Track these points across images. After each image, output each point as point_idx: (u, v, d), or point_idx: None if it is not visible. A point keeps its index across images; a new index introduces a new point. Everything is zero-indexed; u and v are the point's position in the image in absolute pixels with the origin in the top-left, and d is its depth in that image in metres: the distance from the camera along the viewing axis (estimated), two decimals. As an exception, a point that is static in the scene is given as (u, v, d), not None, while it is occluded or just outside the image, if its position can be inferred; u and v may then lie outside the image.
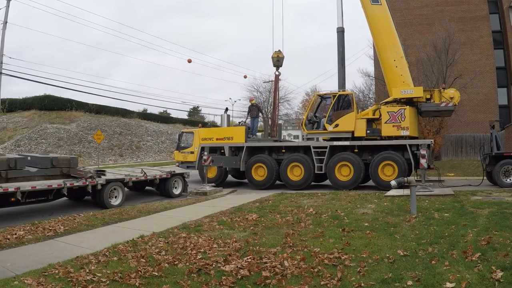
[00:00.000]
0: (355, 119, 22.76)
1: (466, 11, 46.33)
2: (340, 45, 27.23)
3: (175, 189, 21.10)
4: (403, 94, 22.64)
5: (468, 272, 6.83)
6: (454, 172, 30.29)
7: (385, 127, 22.15)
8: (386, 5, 24.38)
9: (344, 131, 22.79)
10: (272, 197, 18.50)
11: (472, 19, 46.00)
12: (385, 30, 24.23)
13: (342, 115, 22.92)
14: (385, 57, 24.16)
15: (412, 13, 47.71)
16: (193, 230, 11.35)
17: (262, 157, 23.94)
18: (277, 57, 28.04)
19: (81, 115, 56.00)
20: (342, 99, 23.65)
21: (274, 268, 7.47)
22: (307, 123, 23.93)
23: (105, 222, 13.36)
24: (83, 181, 16.36)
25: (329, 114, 23.12)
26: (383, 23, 24.29)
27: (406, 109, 22.00)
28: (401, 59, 23.84)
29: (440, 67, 36.49)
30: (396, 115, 21.98)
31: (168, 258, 8.48)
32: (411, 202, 12.95)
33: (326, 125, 22.88)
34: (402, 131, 21.81)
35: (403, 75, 23.63)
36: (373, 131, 22.72)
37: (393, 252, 8.26)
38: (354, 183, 21.60)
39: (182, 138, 29.72)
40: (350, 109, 23.05)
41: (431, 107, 22.95)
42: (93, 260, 8.51)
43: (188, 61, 58.50)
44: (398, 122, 21.85)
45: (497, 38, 47.29)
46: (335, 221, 11.91)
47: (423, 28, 44.35)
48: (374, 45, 26.21)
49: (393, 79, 23.84)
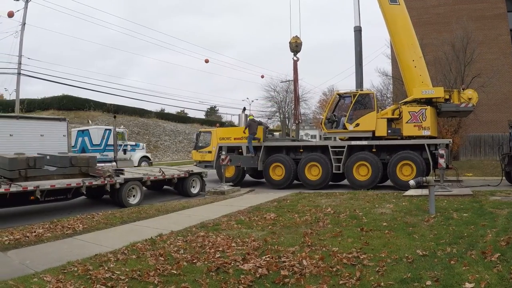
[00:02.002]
0: (376, 119, 22.67)
1: (484, 9, 45.99)
2: (358, 44, 27.14)
3: (193, 188, 21.13)
4: (424, 94, 22.54)
5: (488, 273, 6.79)
6: (472, 172, 30.11)
7: (406, 127, 22.06)
8: (404, 5, 24.29)
9: (365, 130, 22.71)
10: (290, 197, 18.47)
11: (489, 18, 45.67)
12: (404, 31, 24.14)
13: (363, 114, 22.83)
14: (404, 57, 24.08)
15: (429, 12, 47.54)
16: (211, 229, 11.38)
17: (279, 156, 23.89)
18: (295, 43, 28.03)
19: (99, 115, 56.36)
20: (363, 98, 23.57)
21: (292, 267, 7.48)
22: (326, 122, 23.82)
23: (123, 221, 13.42)
24: (101, 180, 16.45)
25: (350, 113, 23.00)
26: (401, 23, 24.20)
27: (427, 109, 21.90)
28: (420, 59, 23.77)
29: (458, 66, 36.25)
30: (417, 115, 21.87)
31: (186, 256, 8.51)
32: (430, 202, 12.88)
33: (346, 125, 22.76)
34: (423, 131, 21.70)
35: (422, 75, 23.57)
36: (394, 131, 22.63)
37: (412, 252, 8.23)
38: (372, 183, 21.52)
39: (200, 137, 29.76)
40: (371, 109, 22.95)
41: (451, 108, 22.88)
42: (111, 258, 8.57)
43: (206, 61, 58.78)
44: (419, 122, 21.74)
45: (515, 36, 46.86)
46: (354, 221, 11.90)
47: (440, 26, 44.09)
48: (392, 45, 26.10)
49: (411, 79, 23.77)
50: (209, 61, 52.00)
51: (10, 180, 14.36)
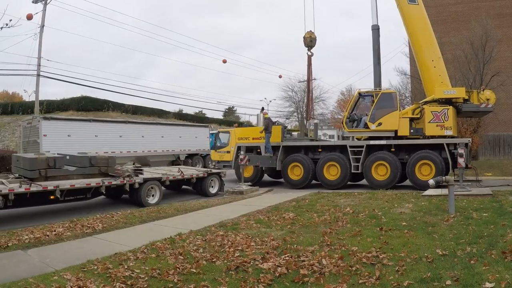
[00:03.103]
0: (399, 118, 22.62)
1: (502, 7, 45.63)
2: (375, 43, 26.98)
3: (212, 188, 21.22)
4: (446, 94, 22.49)
5: (508, 272, 6.76)
6: (491, 171, 29.94)
7: (428, 126, 21.98)
8: (422, 5, 24.22)
9: (387, 130, 22.65)
10: (309, 196, 18.47)
11: (508, 15, 45.28)
12: (422, 31, 24.07)
13: (385, 114, 22.71)
14: (423, 57, 24.02)
15: (447, 10, 47.29)
16: (230, 229, 11.43)
17: (298, 156, 23.88)
18: (310, 37, 28.00)
19: (118, 116, 56.47)
20: (386, 97, 23.41)
21: (312, 266, 7.49)
22: (347, 121, 23.70)
23: (142, 220, 13.51)
24: (121, 180, 16.57)
25: (372, 112, 22.91)
26: (420, 24, 24.14)
27: (449, 109, 21.85)
28: (439, 59, 23.71)
29: (477, 65, 36.05)
30: (439, 114, 21.80)
31: (206, 255, 8.56)
32: (449, 202, 12.83)
33: (368, 124, 22.68)
34: (446, 131, 21.65)
35: (442, 75, 23.53)
36: (417, 130, 22.56)
37: (432, 251, 8.21)
38: (391, 183, 21.46)
39: (219, 137, 29.81)
40: (393, 108, 22.84)
41: (472, 108, 22.85)
42: (131, 256, 8.64)
43: (223, 62, 58.95)
44: (442, 122, 21.67)
45: (535, 34, 46.50)
46: (373, 220, 11.89)
47: (458, 25, 43.90)
48: (411, 45, 26.01)
49: (430, 80, 23.73)
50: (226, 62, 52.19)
51: (30, 180, 14.49)
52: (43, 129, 27.86)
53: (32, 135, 28.49)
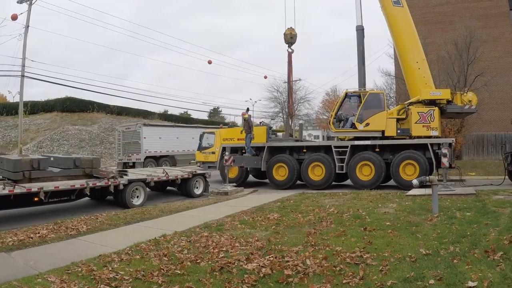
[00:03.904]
0: (386, 119, 22.71)
1: (487, 8, 46.07)
2: (360, 43, 27.01)
3: (197, 189, 21.22)
4: (431, 95, 22.70)
5: (490, 271, 6.80)
6: (475, 171, 30.15)
7: (415, 127, 22.14)
8: (407, 7, 24.35)
9: (375, 130, 22.70)
10: (293, 197, 18.50)
11: (493, 16, 45.73)
12: (407, 33, 24.20)
13: (373, 114, 22.77)
14: (407, 59, 24.16)
15: (432, 11, 47.68)
16: (215, 229, 11.44)
17: (283, 157, 23.90)
18: (290, 34, 28.13)
19: (103, 117, 56.51)
20: (373, 98, 23.50)
21: (296, 267, 7.51)
22: (334, 121, 23.70)
23: (127, 222, 13.49)
24: (105, 181, 16.54)
25: (360, 112, 22.95)
26: (404, 26, 24.26)
27: (435, 110, 22.05)
28: (423, 61, 23.88)
29: (461, 65, 36.33)
30: (426, 115, 21.99)
31: (190, 256, 8.56)
32: (433, 201, 12.90)
33: (356, 124, 22.72)
34: (432, 131, 21.84)
35: (426, 76, 23.71)
36: (403, 131, 22.71)
37: (415, 251, 8.26)
38: (375, 183, 21.58)
39: (204, 138, 29.83)
40: (381, 108, 22.94)
41: (456, 109, 23.09)
42: (115, 258, 8.63)
43: (208, 62, 58.62)
44: (428, 123, 21.85)
45: (518, 34, 46.93)
46: (357, 220, 11.93)
47: (444, 25, 44.19)
48: (395, 47, 26.07)
49: (414, 81, 23.88)
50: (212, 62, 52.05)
51: (14, 181, 14.44)
52: (144, 133, 36.75)
53: (134, 137, 36.53)
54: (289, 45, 28.69)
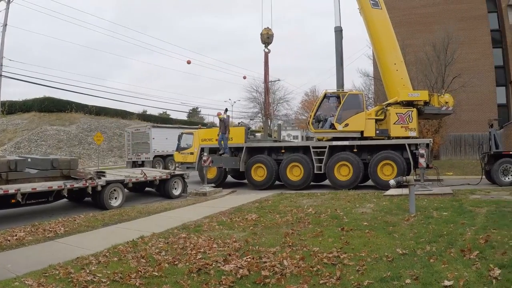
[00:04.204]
0: (365, 119, 22.79)
1: (465, 11, 46.69)
2: (339, 44, 27.09)
3: (175, 190, 21.10)
4: (410, 97, 22.86)
5: (466, 270, 6.89)
6: (453, 171, 30.38)
7: (394, 128, 22.28)
8: (385, 10, 24.48)
9: (354, 131, 22.77)
10: (272, 197, 18.54)
11: (471, 18, 46.33)
12: (385, 35, 24.31)
13: (352, 114, 22.84)
14: (385, 61, 24.30)
15: (412, 12, 48.14)
16: (193, 231, 11.41)
17: (261, 157, 23.88)
18: (267, 34, 28.09)
19: (81, 117, 56.17)
20: (353, 98, 23.58)
21: (273, 268, 7.52)
22: (313, 121, 23.71)
23: (105, 223, 13.42)
24: (83, 183, 16.38)
25: (339, 113, 22.98)
26: (383, 28, 24.39)
27: (414, 111, 22.23)
28: (401, 63, 24.05)
29: (439, 66, 36.66)
30: (404, 116, 22.16)
31: (168, 258, 8.53)
32: (410, 201, 12.98)
33: (335, 124, 22.75)
34: (410, 132, 21.99)
35: (403, 78, 23.90)
36: (382, 131, 22.85)
37: (392, 251, 8.32)
38: (353, 183, 21.65)
39: (182, 139, 29.76)
40: (360, 109, 23.01)
41: (433, 110, 23.35)
42: (93, 260, 8.57)
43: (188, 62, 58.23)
44: (406, 124, 22.03)
45: (495, 37, 47.90)
46: (334, 221, 11.97)
47: (422, 27, 44.73)
48: (373, 49, 26.18)
49: (392, 83, 24.03)
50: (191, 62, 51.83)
51: (-10, 183, 14.31)
52: (153, 134, 38.67)
53: (144, 138, 38.50)
54: (266, 45, 28.70)
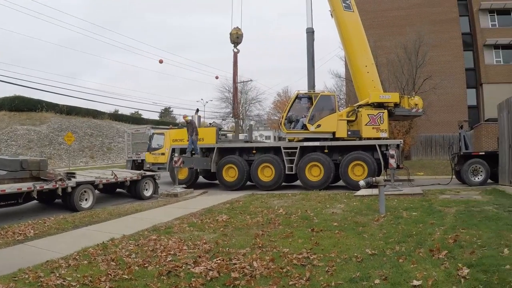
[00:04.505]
0: (337, 120, 22.90)
1: (437, 14, 47.30)
2: (310, 46, 27.13)
3: (146, 191, 21.02)
4: (381, 98, 23.15)
5: (435, 270, 6.95)
6: (423, 171, 30.64)
7: (365, 129, 22.46)
8: (357, 12, 24.70)
9: (326, 131, 22.88)
10: (243, 198, 18.56)
11: (442, 22, 46.97)
12: (357, 37, 24.56)
13: (324, 115, 22.99)
14: (356, 63, 24.57)
15: (384, 15, 48.56)
16: (163, 232, 11.36)
17: (232, 158, 23.89)
18: (236, 34, 28.02)
19: (52, 116, 55.57)
20: (325, 99, 23.76)
21: (243, 269, 7.51)
22: (286, 122, 23.75)
23: (75, 226, 13.28)
24: (53, 184, 16.17)
25: (311, 114, 23.09)
26: (354, 30, 24.64)
27: (385, 113, 22.48)
28: (372, 65, 24.37)
29: (410, 68, 36.92)
30: (375, 118, 22.39)
31: (138, 261, 8.47)
32: (380, 202, 13.07)
33: (308, 125, 22.83)
34: (381, 133, 22.21)
35: (374, 80, 24.27)
36: (354, 132, 22.99)
37: (361, 251, 8.35)
38: (324, 183, 21.78)
39: (153, 139, 29.62)
40: (332, 110, 23.17)
41: (404, 112, 23.72)
42: (63, 264, 8.46)
43: (160, 62, 58.17)
44: (378, 125, 22.25)
45: (466, 40, 48.65)
46: (305, 222, 12.01)
47: (394, 29, 45.15)
48: (344, 51, 26.33)
49: (363, 84, 24.32)
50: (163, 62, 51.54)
51: (-43, 185, 14.13)
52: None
53: (143, 138, 36.84)
54: (235, 45, 28.63)
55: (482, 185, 20.43)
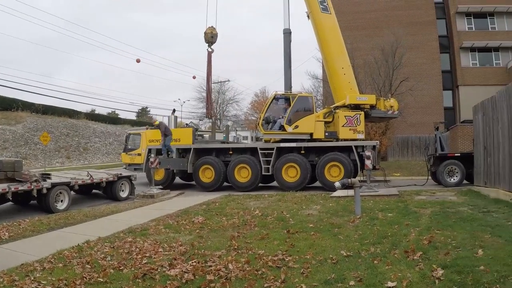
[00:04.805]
0: (315, 122, 22.99)
1: (414, 16, 47.92)
2: (287, 47, 27.15)
3: (122, 192, 20.86)
4: (358, 100, 23.35)
5: (410, 271, 6.99)
6: (400, 172, 30.81)
7: (342, 130, 22.59)
8: (334, 15, 24.84)
9: (303, 133, 22.91)
10: (219, 199, 18.55)
11: (420, 24, 47.60)
12: (334, 39, 24.73)
13: (302, 116, 23.02)
14: (333, 65, 24.78)
15: (362, 17, 49.02)
16: (139, 234, 11.31)
17: (209, 159, 23.81)
18: (211, 33, 27.82)
19: (28, 116, 55.00)
20: (302, 100, 23.78)
21: (218, 272, 7.49)
22: (263, 123, 23.73)
23: (50, 228, 13.15)
24: (28, 185, 16.02)
25: (289, 115, 23.09)
26: (331, 33, 24.80)
27: (361, 114, 22.66)
28: (348, 67, 24.63)
29: (387, 70, 37.24)
30: (352, 119, 22.57)
31: (113, 263, 8.42)
32: (356, 203, 13.13)
33: (285, 126, 22.82)
34: (358, 135, 22.41)
35: (351, 82, 24.52)
36: (331, 133, 23.11)
37: (337, 253, 8.38)
38: (300, 184, 21.85)
39: (129, 139, 29.53)
40: (310, 111, 23.23)
41: (380, 114, 23.97)
42: (38, 267, 8.39)
43: (137, 61, 57.78)
44: (354, 126, 22.44)
45: (443, 42, 49.27)
46: (281, 223, 12.02)
47: (371, 31, 45.63)
48: (321, 53, 26.39)
49: (340, 86, 24.50)
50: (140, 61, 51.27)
51: None
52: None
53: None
54: (209, 44, 28.43)
55: (457, 186, 20.73)
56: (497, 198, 15.02)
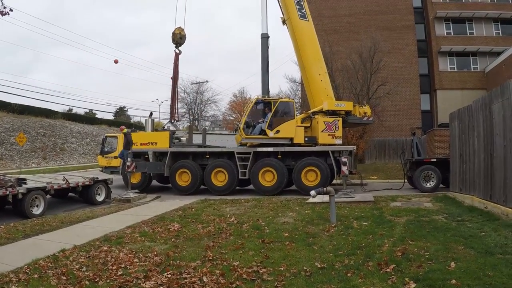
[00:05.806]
0: (295, 127, 23.19)
1: (393, 21, 48.30)
2: (265, 51, 27.13)
3: (98, 196, 20.74)
4: (336, 106, 23.78)
5: (382, 284, 7.06)
6: (377, 175, 31.03)
7: (321, 135, 22.88)
8: (312, 22, 25.05)
9: (284, 137, 23.14)
10: (195, 205, 18.54)
11: (398, 28, 48.04)
12: (311, 46, 25.01)
13: (283, 121, 23.27)
14: (310, 71, 25.09)
15: (340, 21, 49.28)
16: (114, 243, 11.24)
17: (186, 162, 23.90)
18: (180, 34, 27.60)
19: (3, 116, 54.44)
20: (284, 105, 24.05)
21: (193, 285, 7.50)
22: (245, 127, 23.80)
23: (26, 234, 12.99)
24: (3, 191, 15.91)
25: (270, 119, 23.26)
26: (309, 39, 25.08)
27: (340, 120, 22.99)
28: (325, 74, 25.02)
29: (365, 74, 37.48)
30: (331, 125, 22.92)
31: (89, 274, 8.35)
32: (331, 212, 13.22)
33: (267, 131, 23.01)
34: (336, 140, 22.70)
35: (327, 88, 24.97)
36: (311, 138, 23.35)
37: (311, 264, 8.42)
38: (277, 189, 22.04)
39: (106, 142, 29.41)
40: (291, 117, 23.51)
41: (356, 120, 24.58)
42: (13, 278, 8.28)
43: (115, 62, 57.33)
44: (333, 132, 22.77)
45: (421, 47, 49.74)
46: (256, 232, 12.04)
47: (350, 35, 45.97)
48: (298, 59, 26.45)
49: (317, 92, 24.82)
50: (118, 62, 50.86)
51: None
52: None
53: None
54: (177, 45, 28.19)
55: (433, 191, 21.03)
56: (472, 205, 15.19)
